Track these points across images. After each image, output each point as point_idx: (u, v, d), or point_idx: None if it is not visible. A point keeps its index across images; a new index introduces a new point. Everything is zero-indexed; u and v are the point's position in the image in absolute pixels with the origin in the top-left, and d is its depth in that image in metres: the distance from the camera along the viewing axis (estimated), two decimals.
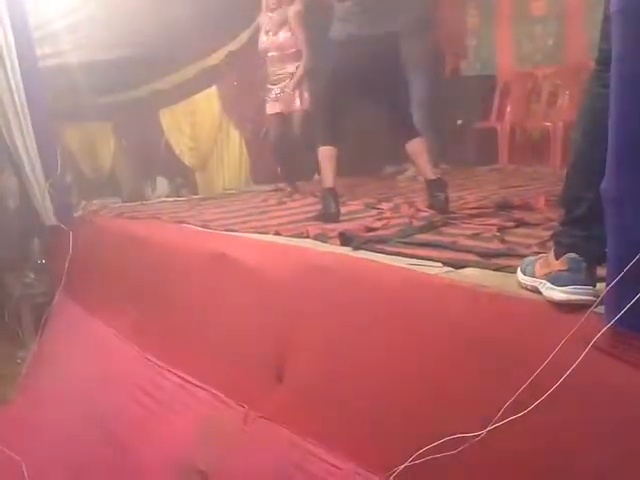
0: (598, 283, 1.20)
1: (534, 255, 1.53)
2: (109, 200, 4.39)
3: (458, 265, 1.67)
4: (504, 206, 2.63)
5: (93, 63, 4.34)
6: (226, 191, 4.49)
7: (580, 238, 1.23)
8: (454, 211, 2.62)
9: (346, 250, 2.01)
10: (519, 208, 2.59)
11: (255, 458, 1.74)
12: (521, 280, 1.40)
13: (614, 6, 0.99)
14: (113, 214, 3.47)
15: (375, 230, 2.33)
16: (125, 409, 2.26)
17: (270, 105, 3.94)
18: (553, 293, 1.23)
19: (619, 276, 0.99)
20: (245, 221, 2.81)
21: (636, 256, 0.95)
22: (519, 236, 2.05)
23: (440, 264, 1.69)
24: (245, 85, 4.41)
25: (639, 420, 1.01)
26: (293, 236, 2.35)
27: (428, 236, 2.15)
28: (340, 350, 1.68)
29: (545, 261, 1.33)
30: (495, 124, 4.49)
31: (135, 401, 2.22)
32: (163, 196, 4.76)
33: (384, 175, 4.66)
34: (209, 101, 4.76)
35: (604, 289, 1.06)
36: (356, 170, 4.33)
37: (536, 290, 1.32)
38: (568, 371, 1.01)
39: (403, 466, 1.21)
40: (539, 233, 2.03)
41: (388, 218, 2.61)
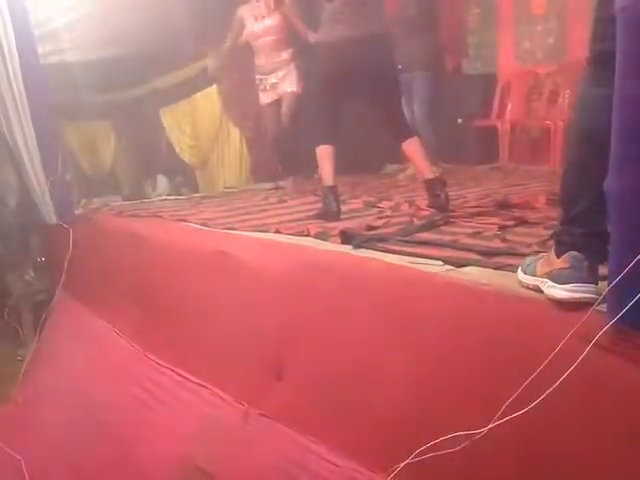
0: (600, 281, 1.20)
1: (534, 254, 1.53)
2: (109, 198, 4.39)
3: (459, 264, 1.67)
4: (504, 205, 2.63)
5: (93, 61, 4.35)
6: (226, 189, 4.49)
7: (580, 236, 1.24)
8: (454, 210, 2.61)
9: (347, 248, 2.01)
10: (519, 207, 2.59)
11: (255, 456, 1.73)
12: (522, 279, 1.40)
13: (619, 2, 0.98)
14: (113, 212, 3.46)
15: (376, 228, 2.33)
16: (125, 407, 2.25)
17: (265, 95, 3.87)
18: (555, 291, 1.23)
19: (622, 274, 0.99)
20: (245, 219, 2.81)
21: (639, 254, 0.95)
22: (519, 235, 2.04)
23: (441, 262, 1.69)
24: (246, 83, 4.39)
25: (638, 414, 1.01)
26: (294, 234, 2.35)
27: (429, 235, 2.15)
28: (340, 348, 1.67)
29: (546, 260, 1.33)
30: (495, 122, 4.49)
31: (135, 399, 2.22)
32: (163, 194, 4.76)
33: (385, 174, 4.66)
34: (209, 100, 4.76)
35: (606, 287, 1.06)
36: (357, 168, 4.33)
37: (537, 289, 1.32)
38: (570, 369, 1.01)
39: (403, 464, 1.21)
40: (539, 232, 2.03)
41: (389, 217, 2.61)
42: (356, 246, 2.01)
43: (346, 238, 2.10)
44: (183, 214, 3.11)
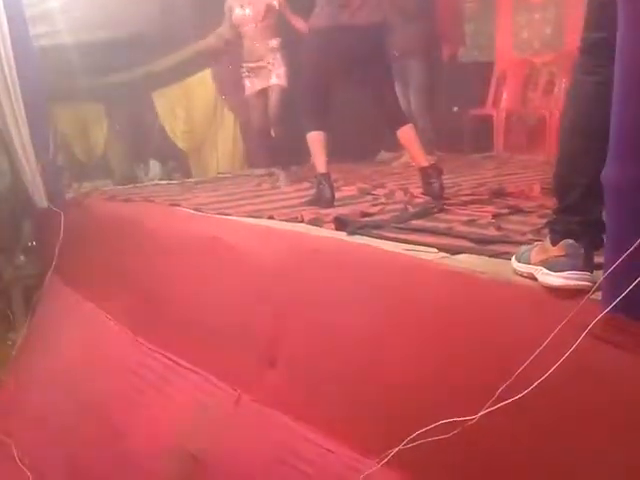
0: (595, 270, 1.20)
1: (529, 242, 1.52)
2: (101, 183, 4.35)
3: (453, 251, 1.67)
4: (499, 193, 2.63)
5: (87, 43, 4.28)
6: (220, 175, 4.45)
7: (575, 224, 1.23)
8: (449, 197, 2.61)
9: (341, 235, 2.00)
10: (514, 195, 2.59)
11: (247, 441, 1.74)
12: (516, 267, 1.40)
13: None
14: (105, 197, 3.43)
15: (370, 215, 2.32)
16: (116, 392, 2.25)
17: (251, 84, 3.78)
18: (550, 279, 1.22)
19: (617, 262, 0.98)
20: (239, 205, 2.79)
21: (634, 242, 0.94)
22: (514, 223, 2.04)
23: (436, 250, 1.69)
24: (240, 67, 4.34)
25: (635, 405, 1.01)
26: (287, 220, 2.34)
27: (424, 222, 2.14)
28: (334, 334, 1.67)
29: (541, 248, 1.32)
30: (491, 111, 4.47)
31: (127, 384, 2.21)
32: (156, 179, 4.72)
33: (379, 161, 4.64)
34: (203, 84, 4.70)
35: (601, 275, 1.06)
36: (351, 156, 4.31)
37: (532, 277, 1.31)
38: (564, 357, 1.01)
39: (396, 449, 1.21)
40: (534, 220, 2.02)
41: (383, 204, 2.60)
42: (350, 233, 2.00)
43: (340, 225, 2.09)
44: (176, 199, 3.08)
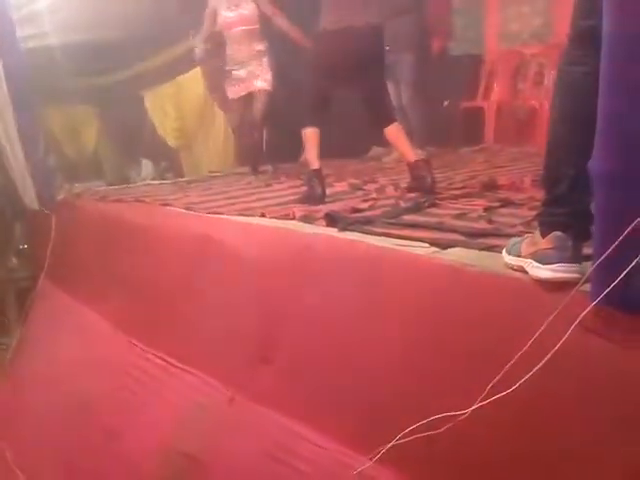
0: (585, 261, 1.20)
1: (520, 235, 1.52)
2: (93, 183, 4.33)
3: (445, 245, 1.66)
4: (490, 186, 2.63)
5: (76, 44, 4.26)
6: (211, 173, 4.44)
7: (564, 216, 1.23)
8: (440, 192, 2.61)
9: (332, 231, 2.00)
10: (505, 188, 2.59)
11: (241, 440, 1.73)
12: (507, 260, 1.40)
13: None
14: (96, 197, 3.41)
15: (361, 211, 2.32)
16: (110, 393, 2.24)
17: (235, 89, 3.80)
18: (539, 271, 1.23)
19: (605, 254, 0.98)
20: (231, 203, 2.78)
21: (622, 233, 0.94)
22: (505, 216, 2.04)
23: (427, 244, 1.68)
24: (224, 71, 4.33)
25: (624, 398, 1.02)
26: (279, 218, 2.33)
27: (415, 217, 2.14)
28: (326, 332, 1.67)
29: (531, 241, 1.33)
30: (482, 103, 4.47)
31: (120, 385, 2.21)
32: (148, 179, 4.71)
33: (371, 157, 4.63)
34: (194, 82, 4.69)
35: (590, 267, 1.06)
36: (342, 152, 4.30)
37: (522, 270, 1.32)
38: (553, 349, 1.01)
39: (388, 446, 1.21)
40: (524, 213, 2.02)
41: (374, 199, 2.60)
42: (342, 229, 1.99)
43: (331, 221, 2.09)
44: (168, 198, 3.07)
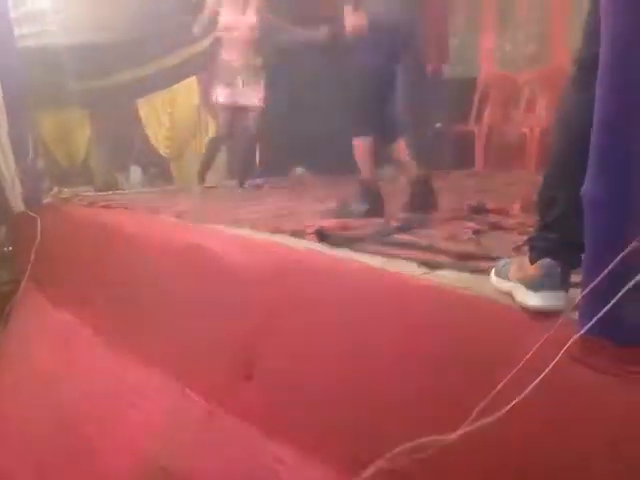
0: (572, 289, 1.21)
1: (507, 257, 1.52)
2: (81, 188, 4.30)
3: (434, 266, 1.66)
4: (480, 210, 2.64)
5: (74, 45, 4.24)
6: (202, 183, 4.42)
7: (555, 242, 1.24)
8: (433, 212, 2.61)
9: (323, 247, 1.99)
10: (495, 212, 2.60)
11: (221, 455, 1.71)
12: (495, 282, 1.40)
13: (605, 2, 0.97)
14: (84, 203, 3.39)
15: (352, 228, 2.31)
16: (90, 403, 2.20)
17: (227, 92, 3.65)
18: (527, 298, 1.23)
19: (593, 283, 0.99)
20: (220, 213, 2.78)
21: (611, 262, 0.95)
22: (494, 239, 2.05)
23: (416, 264, 1.69)
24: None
25: (607, 426, 1.01)
26: (269, 231, 2.32)
27: (405, 236, 2.14)
28: (312, 349, 1.66)
29: (520, 264, 1.33)
30: (473, 127, 4.52)
31: (100, 395, 2.17)
32: (137, 186, 4.68)
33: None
34: (188, 91, 4.70)
35: (578, 294, 1.06)
36: (333, 169, 4.32)
37: (509, 293, 1.32)
38: (540, 376, 1.01)
39: (372, 469, 1.19)
40: (514, 237, 2.03)
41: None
42: (332, 245, 1.99)
43: (322, 237, 2.08)
44: (156, 206, 3.06)
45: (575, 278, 1.20)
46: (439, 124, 4.77)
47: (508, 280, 1.34)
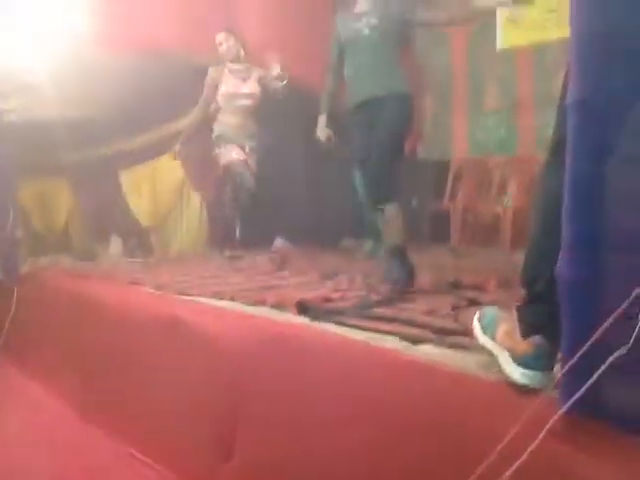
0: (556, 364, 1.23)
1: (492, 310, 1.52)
2: (59, 258, 4.27)
3: (415, 340, 1.69)
4: (456, 285, 2.70)
5: (56, 120, 4.33)
6: (182, 254, 4.44)
7: (543, 315, 1.24)
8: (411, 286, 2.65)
9: (303, 320, 2.00)
10: (471, 288, 2.66)
11: None
12: (479, 336, 1.40)
13: (570, 98, 1.04)
14: (63, 272, 3.36)
15: (333, 301, 2.34)
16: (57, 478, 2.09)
17: (228, 151, 3.73)
18: (514, 372, 1.24)
19: (571, 361, 1.02)
20: (200, 285, 2.77)
21: (589, 340, 0.98)
22: (472, 315, 2.08)
23: (397, 339, 1.71)
24: (209, 150, 4.45)
25: None
26: (249, 303, 2.33)
27: (385, 310, 2.17)
28: (295, 426, 1.63)
29: (509, 331, 1.32)
30: (448, 206, 4.68)
31: (73, 472, 2.06)
32: (117, 256, 4.66)
33: (341, 248, 4.72)
34: (172, 164, 4.79)
35: (559, 370, 1.09)
36: (315, 241, 4.39)
37: (493, 354, 1.33)
38: (523, 456, 1.01)
39: None
40: None
41: (345, 290, 2.63)
42: (313, 318, 2.01)
43: (302, 310, 2.10)
44: (136, 277, 3.05)
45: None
46: (415, 201, 4.92)
47: (495, 342, 1.35)
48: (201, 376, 1.98)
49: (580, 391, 0.99)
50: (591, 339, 0.98)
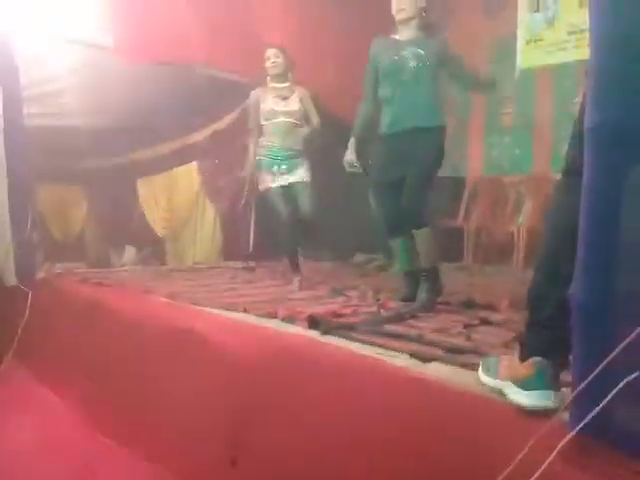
0: (564, 387, 1.22)
1: (496, 354, 1.54)
2: (74, 264, 4.32)
3: (425, 358, 1.68)
4: (469, 304, 2.68)
5: (78, 127, 4.41)
6: (196, 265, 4.47)
7: (546, 341, 1.25)
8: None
9: (314, 334, 2.01)
10: (483, 307, 2.64)
11: None
12: (484, 381, 1.41)
13: (587, 123, 1.05)
14: (77, 279, 3.39)
15: (343, 316, 2.34)
16: None
17: (271, 179, 3.60)
18: (518, 397, 1.23)
19: (582, 384, 1.01)
20: (213, 296, 2.79)
21: (601, 363, 0.98)
22: (484, 334, 2.08)
23: (407, 356, 1.70)
24: (225, 163, 4.51)
25: None
26: (261, 315, 2.34)
27: (396, 327, 2.16)
28: (301, 435, 1.63)
29: (510, 362, 1.34)
30: (462, 224, 4.67)
31: (79, 477, 2.07)
32: (130, 264, 4.70)
33: (354, 263, 4.73)
34: (189, 176, 4.84)
35: (569, 393, 1.08)
36: (327, 255, 4.40)
37: (499, 392, 1.33)
38: (533, 478, 1.01)
39: None
40: (503, 333, 2.07)
41: (356, 305, 2.63)
42: (324, 332, 2.01)
43: (313, 324, 2.10)
44: (149, 285, 3.07)
45: (566, 376, 1.23)
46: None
47: (498, 379, 1.35)
48: (209, 386, 1.99)
49: (591, 414, 0.98)
50: (603, 362, 0.98)
